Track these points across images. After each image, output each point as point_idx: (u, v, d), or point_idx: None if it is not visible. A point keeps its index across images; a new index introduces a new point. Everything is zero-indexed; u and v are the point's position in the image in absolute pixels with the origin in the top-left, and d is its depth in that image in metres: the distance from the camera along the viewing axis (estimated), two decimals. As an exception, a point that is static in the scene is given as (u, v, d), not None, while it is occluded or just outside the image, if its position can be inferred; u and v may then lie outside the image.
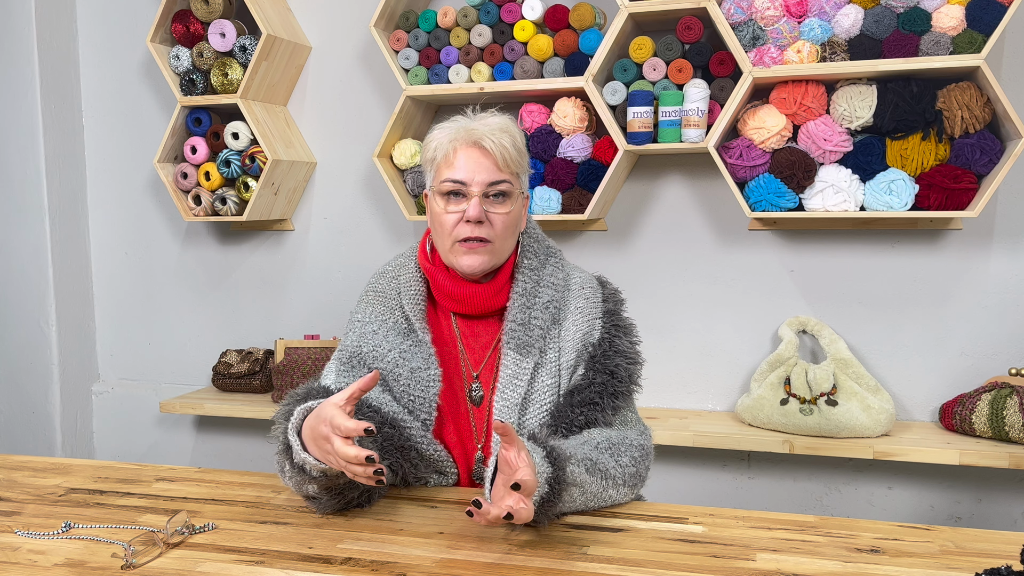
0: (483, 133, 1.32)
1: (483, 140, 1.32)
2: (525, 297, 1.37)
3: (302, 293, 2.78)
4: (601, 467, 1.24)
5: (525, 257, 1.40)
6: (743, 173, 2.16)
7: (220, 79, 2.52)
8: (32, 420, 2.89)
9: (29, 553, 1.14)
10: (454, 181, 1.32)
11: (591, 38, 2.23)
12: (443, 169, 1.34)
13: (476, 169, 1.31)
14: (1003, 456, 1.99)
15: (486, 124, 1.34)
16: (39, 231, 2.79)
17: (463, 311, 1.40)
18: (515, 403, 1.34)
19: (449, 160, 1.33)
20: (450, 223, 1.33)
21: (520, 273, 1.39)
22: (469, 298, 1.37)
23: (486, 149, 1.32)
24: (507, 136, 1.33)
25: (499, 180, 1.32)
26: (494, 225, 1.33)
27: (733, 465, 2.38)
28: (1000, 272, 2.19)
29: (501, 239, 1.34)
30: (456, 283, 1.37)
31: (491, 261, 1.35)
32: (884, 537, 1.17)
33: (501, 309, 1.40)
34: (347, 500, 1.25)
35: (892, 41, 2.00)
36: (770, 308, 2.36)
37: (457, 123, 1.36)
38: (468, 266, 1.33)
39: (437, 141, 1.35)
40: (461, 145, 1.33)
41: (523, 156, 1.37)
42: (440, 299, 1.41)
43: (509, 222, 1.34)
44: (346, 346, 1.42)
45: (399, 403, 1.35)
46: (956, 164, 2.02)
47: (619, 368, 1.35)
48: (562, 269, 1.42)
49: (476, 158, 1.32)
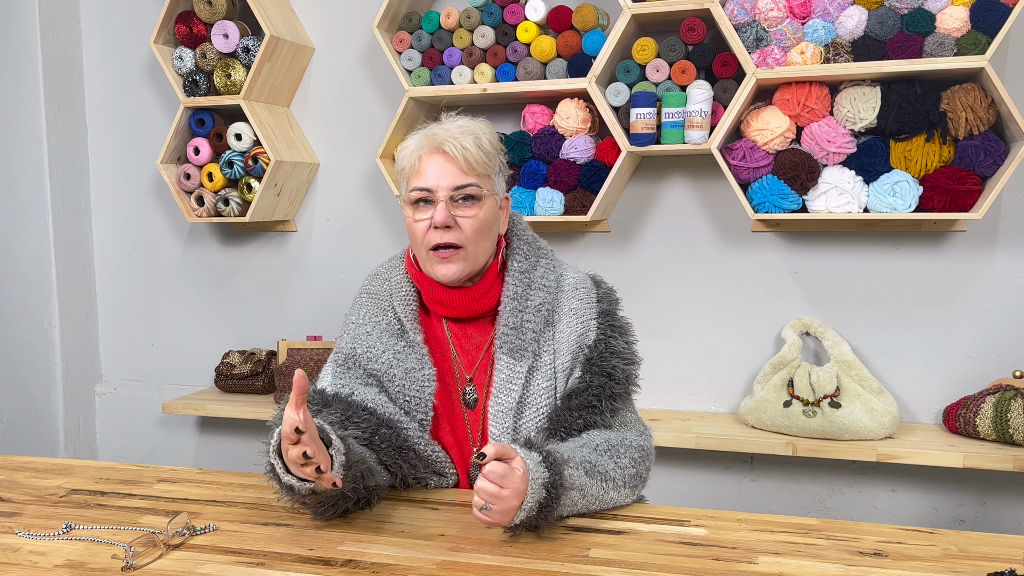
0: (444, 138, 1.31)
1: (444, 144, 1.31)
2: (517, 300, 1.36)
3: (304, 294, 2.78)
4: (601, 469, 1.24)
5: (515, 260, 1.39)
6: (746, 175, 2.15)
7: (223, 80, 2.52)
8: (35, 421, 2.90)
9: (30, 554, 1.14)
10: (420, 189, 1.32)
11: (594, 39, 2.23)
12: (412, 178, 1.34)
13: (440, 175, 1.31)
14: (1007, 459, 1.98)
15: (447, 129, 1.33)
16: (42, 232, 2.80)
17: (452, 315, 1.39)
18: (510, 407, 1.33)
19: (416, 169, 1.33)
20: (420, 231, 1.33)
21: (510, 276, 1.38)
22: (455, 303, 1.37)
23: (447, 153, 1.31)
24: (470, 138, 1.32)
25: (464, 184, 1.31)
26: (463, 229, 1.31)
27: (736, 467, 2.38)
28: (1004, 274, 2.18)
29: (473, 243, 1.32)
30: (441, 289, 1.37)
31: (466, 268, 1.33)
32: (888, 540, 1.17)
33: (492, 311, 1.39)
34: (343, 509, 1.25)
35: (896, 42, 2.00)
36: (773, 310, 2.36)
37: (423, 130, 1.36)
38: (444, 276, 1.33)
39: (406, 151, 1.35)
40: (425, 152, 1.33)
41: (492, 157, 1.35)
42: (430, 305, 1.41)
43: (479, 225, 1.32)
44: (341, 348, 1.42)
45: (395, 404, 1.35)
46: (960, 166, 2.01)
47: (616, 369, 1.35)
48: (554, 270, 1.41)
49: (440, 164, 1.31)
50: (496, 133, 1.41)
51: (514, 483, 1.11)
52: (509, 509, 1.12)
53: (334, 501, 1.22)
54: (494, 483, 1.11)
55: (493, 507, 1.11)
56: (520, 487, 1.11)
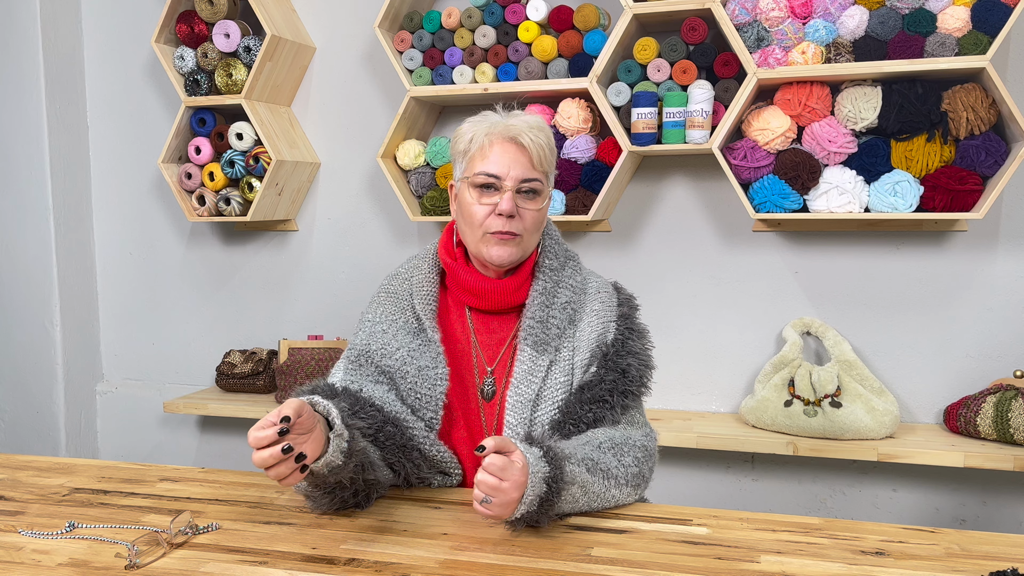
0: (521, 129, 1.33)
1: (520, 136, 1.33)
2: (545, 296, 1.38)
3: (306, 294, 2.78)
4: (603, 466, 1.24)
5: (546, 257, 1.42)
6: (747, 174, 2.15)
7: (224, 80, 2.52)
8: (36, 420, 2.90)
9: (33, 553, 1.14)
10: (488, 174, 1.33)
11: (595, 39, 2.23)
12: (477, 161, 1.35)
13: (511, 164, 1.33)
14: (1008, 458, 1.99)
15: (523, 121, 1.35)
16: (44, 231, 2.80)
17: (481, 306, 1.40)
18: (528, 399, 1.34)
19: (484, 153, 1.34)
20: (481, 215, 1.34)
21: (540, 272, 1.40)
22: (489, 293, 1.38)
23: (523, 145, 1.33)
24: (543, 135, 1.35)
25: (532, 177, 1.34)
26: (524, 220, 1.34)
27: (737, 467, 2.38)
28: (1005, 274, 2.18)
29: (529, 234, 1.36)
30: (477, 278, 1.39)
31: (518, 254, 1.36)
32: (889, 539, 1.17)
33: (517, 306, 1.41)
34: (340, 499, 1.25)
35: (897, 42, 2.00)
36: (774, 309, 2.36)
37: (492, 117, 1.37)
38: (498, 256, 1.35)
39: (472, 133, 1.36)
40: (497, 139, 1.34)
41: (554, 156, 1.39)
42: (459, 295, 1.42)
43: (538, 219, 1.36)
44: (355, 345, 1.43)
45: (404, 402, 1.35)
46: (961, 166, 2.01)
47: (631, 367, 1.37)
48: (580, 273, 1.45)
49: (512, 153, 1.33)
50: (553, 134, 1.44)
51: (514, 476, 1.11)
52: (509, 502, 1.12)
53: (331, 489, 1.22)
54: (494, 475, 1.11)
55: (493, 500, 1.11)
56: (520, 479, 1.11)
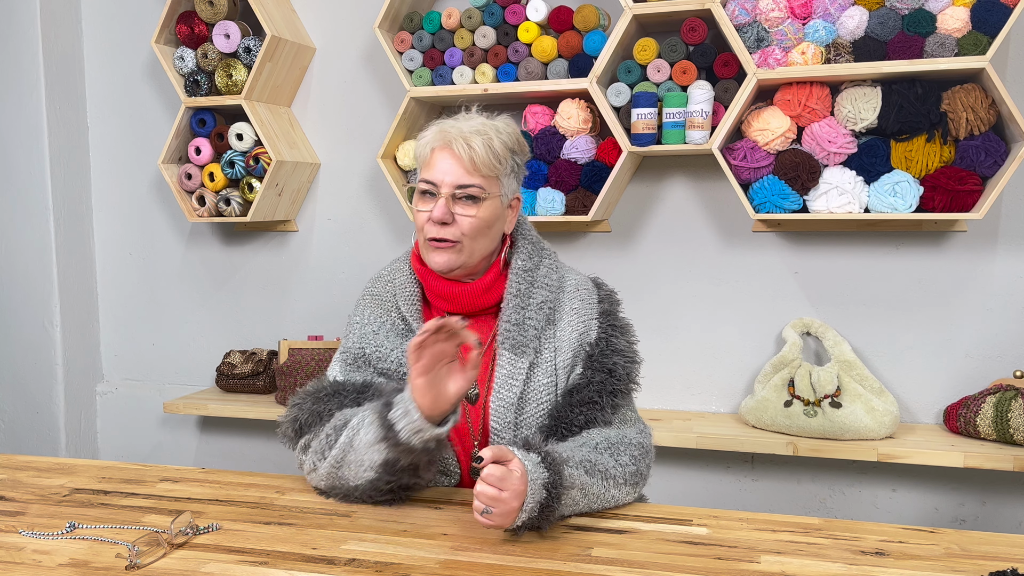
0: (454, 136, 1.33)
1: (452, 143, 1.33)
2: (519, 297, 1.38)
3: (306, 294, 2.78)
4: (601, 467, 1.24)
5: (519, 258, 1.41)
6: (747, 175, 2.15)
7: (224, 80, 2.52)
8: (36, 420, 2.90)
9: (33, 553, 1.14)
10: (426, 182, 1.35)
11: (595, 39, 2.23)
12: (423, 169, 1.38)
13: (446, 171, 1.34)
14: (1008, 459, 1.99)
15: (460, 128, 1.35)
16: (43, 232, 2.80)
17: (454, 310, 1.40)
18: (511, 402, 1.35)
19: (428, 161, 1.37)
20: (421, 221, 1.36)
21: (513, 273, 1.40)
22: (458, 297, 1.39)
23: (454, 152, 1.33)
24: (480, 139, 1.33)
25: (467, 184, 1.33)
26: (460, 226, 1.34)
27: (736, 467, 2.38)
28: (1005, 274, 2.18)
29: (469, 239, 1.35)
30: (445, 284, 1.39)
31: (458, 260, 1.35)
32: (889, 540, 1.17)
33: (494, 307, 1.41)
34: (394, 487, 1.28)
35: (897, 43, 2.00)
36: (774, 310, 2.36)
37: (441, 124, 1.38)
38: (435, 263, 1.36)
39: (422, 141, 1.39)
40: (437, 146, 1.36)
41: (502, 158, 1.36)
42: (432, 299, 1.43)
43: (477, 224, 1.34)
44: (348, 348, 1.43)
45: None
46: (961, 166, 2.01)
47: (617, 366, 1.36)
48: (556, 271, 1.44)
49: (448, 160, 1.34)
50: (516, 133, 1.42)
51: (513, 485, 1.11)
52: (510, 511, 1.12)
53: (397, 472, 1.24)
54: (493, 486, 1.11)
55: (494, 510, 1.11)
56: (519, 488, 1.12)
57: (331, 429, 1.30)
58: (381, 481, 1.26)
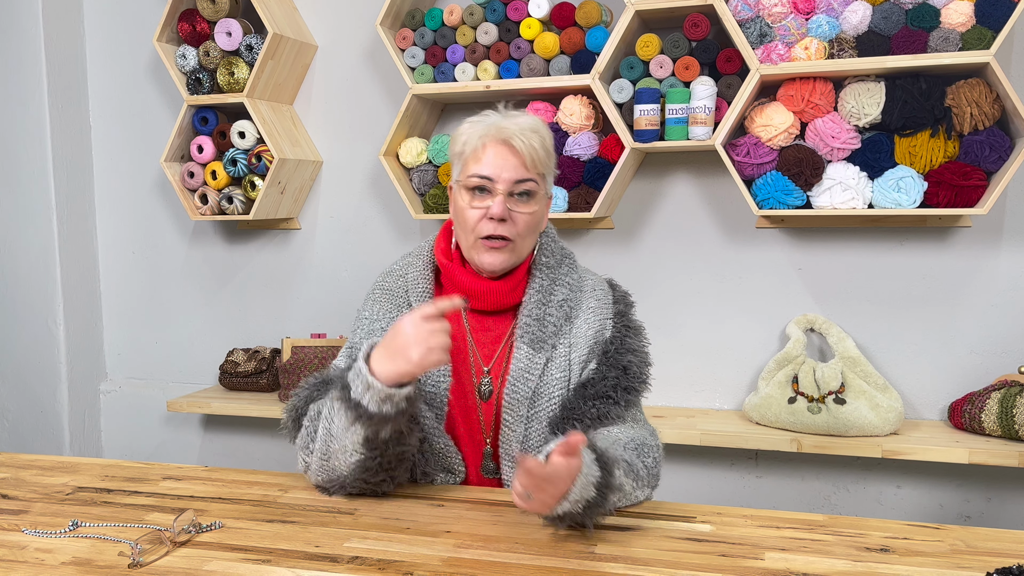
0: (513, 132, 1.32)
1: (512, 139, 1.32)
2: (541, 294, 1.38)
3: (308, 292, 2.78)
4: (634, 468, 1.25)
5: (543, 255, 1.42)
6: (750, 171, 2.15)
7: (226, 78, 2.52)
8: (40, 419, 2.90)
9: (36, 552, 1.14)
10: (481, 177, 1.33)
11: (597, 36, 2.22)
12: (471, 164, 1.34)
13: (503, 167, 1.32)
14: (1013, 455, 1.98)
15: (517, 123, 1.34)
16: (47, 230, 2.80)
17: (478, 307, 1.40)
18: (525, 396, 1.35)
19: (477, 155, 1.34)
20: (473, 219, 1.34)
21: (537, 270, 1.40)
22: (485, 294, 1.38)
23: (515, 148, 1.32)
24: (536, 136, 1.33)
25: (525, 179, 1.33)
26: (516, 224, 1.33)
27: (741, 464, 2.37)
28: (1010, 269, 2.18)
29: (522, 238, 1.35)
30: (473, 279, 1.38)
31: (511, 260, 1.36)
32: (894, 536, 1.16)
33: (513, 305, 1.41)
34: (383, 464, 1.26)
35: (900, 37, 1.99)
36: (778, 306, 2.35)
37: (488, 119, 1.36)
38: (489, 264, 1.35)
39: (467, 135, 1.36)
40: (490, 141, 1.33)
41: (550, 158, 1.38)
42: (453, 293, 1.41)
43: (532, 222, 1.35)
44: (355, 343, 1.43)
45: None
46: (965, 161, 2.01)
47: (631, 364, 1.36)
48: (576, 271, 1.45)
49: (504, 156, 1.32)
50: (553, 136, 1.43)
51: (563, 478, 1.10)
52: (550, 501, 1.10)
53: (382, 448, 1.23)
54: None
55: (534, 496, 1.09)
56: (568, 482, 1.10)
57: (308, 421, 1.31)
58: (370, 460, 1.25)
